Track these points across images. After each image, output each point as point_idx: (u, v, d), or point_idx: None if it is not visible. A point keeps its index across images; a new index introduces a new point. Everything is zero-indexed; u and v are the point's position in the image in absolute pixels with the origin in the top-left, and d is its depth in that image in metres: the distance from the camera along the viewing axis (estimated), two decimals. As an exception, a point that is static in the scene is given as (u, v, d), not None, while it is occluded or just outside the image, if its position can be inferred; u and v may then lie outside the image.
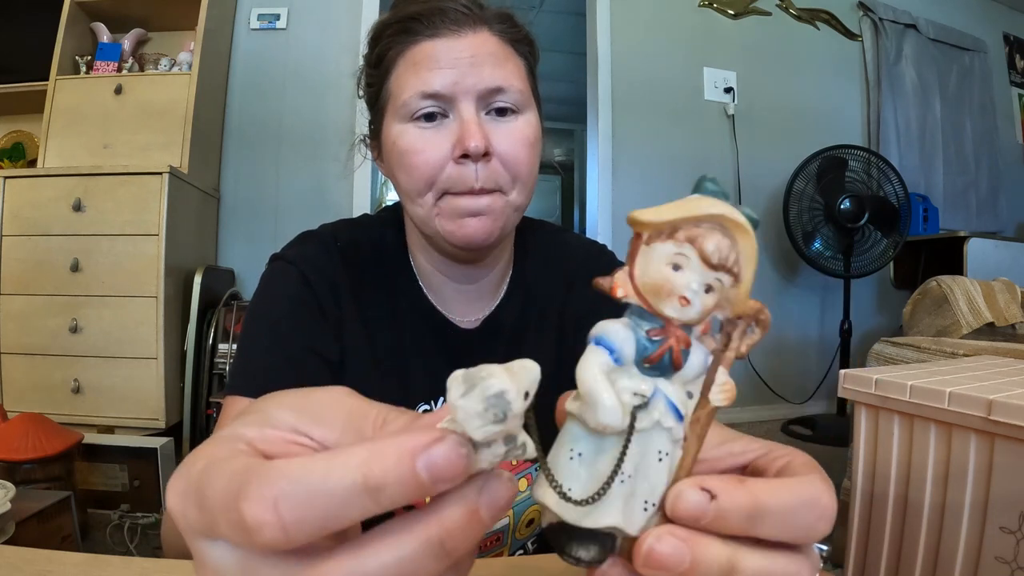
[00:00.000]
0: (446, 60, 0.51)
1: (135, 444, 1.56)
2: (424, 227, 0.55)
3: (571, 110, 4.52)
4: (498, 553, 0.61)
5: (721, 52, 2.87)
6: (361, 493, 0.16)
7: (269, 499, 0.16)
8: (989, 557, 0.37)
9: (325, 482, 0.16)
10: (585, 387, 0.19)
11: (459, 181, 0.52)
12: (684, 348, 0.20)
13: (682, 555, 0.19)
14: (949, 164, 3.23)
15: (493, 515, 0.17)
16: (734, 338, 0.21)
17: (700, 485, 0.19)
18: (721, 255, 0.20)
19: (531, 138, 0.55)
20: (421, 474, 0.16)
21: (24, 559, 0.28)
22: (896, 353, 1.37)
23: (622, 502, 0.20)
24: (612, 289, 0.21)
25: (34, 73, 2.18)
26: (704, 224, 0.20)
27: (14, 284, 1.95)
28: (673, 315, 0.20)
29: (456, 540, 0.17)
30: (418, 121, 0.52)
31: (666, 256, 0.20)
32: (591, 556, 0.21)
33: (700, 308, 0.20)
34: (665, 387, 0.20)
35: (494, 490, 0.17)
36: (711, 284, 0.20)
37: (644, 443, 0.20)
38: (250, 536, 0.16)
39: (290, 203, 2.45)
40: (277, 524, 0.15)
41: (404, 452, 0.16)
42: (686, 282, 0.20)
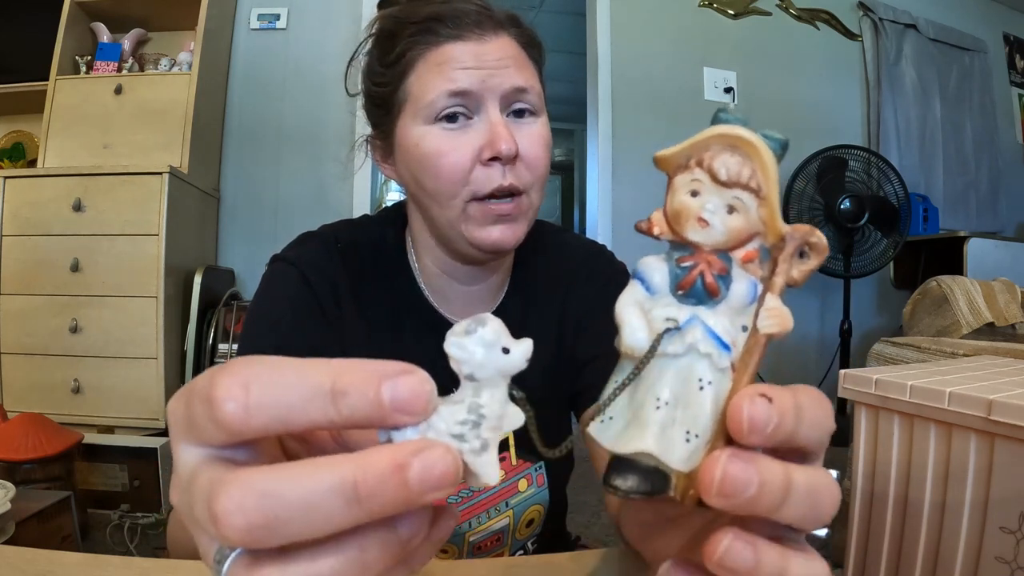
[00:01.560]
0: (472, 61, 0.51)
1: (135, 444, 1.56)
2: (448, 230, 0.55)
3: (571, 110, 4.52)
4: (498, 553, 0.61)
5: (721, 52, 2.87)
6: (325, 395, 0.17)
7: (242, 378, 0.17)
8: (989, 557, 0.37)
9: (296, 375, 0.17)
10: (616, 315, 0.20)
11: (487, 182, 0.52)
12: (719, 274, 0.20)
13: (751, 477, 0.18)
14: (949, 164, 3.23)
15: (422, 481, 0.16)
16: (781, 262, 0.20)
17: (758, 392, 0.19)
18: (730, 171, 0.20)
19: (548, 141, 0.56)
20: (383, 395, 0.17)
21: (24, 559, 0.28)
22: (896, 353, 1.37)
23: (658, 428, 0.19)
24: (649, 229, 0.21)
25: (34, 73, 2.18)
26: (713, 146, 0.20)
27: (14, 284, 1.95)
28: (697, 239, 0.20)
29: (371, 487, 0.16)
30: (441, 122, 0.52)
31: (685, 185, 0.20)
32: (628, 486, 0.20)
33: (723, 228, 0.20)
34: (706, 315, 0.20)
35: (432, 455, 0.16)
36: (732, 204, 0.20)
37: (682, 370, 0.20)
38: (213, 409, 0.16)
39: (290, 203, 2.45)
40: (241, 400, 0.16)
41: (373, 372, 0.17)
42: (702, 203, 0.20)
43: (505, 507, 0.59)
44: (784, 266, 0.20)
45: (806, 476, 0.19)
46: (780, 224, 0.20)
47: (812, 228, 0.20)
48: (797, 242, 0.20)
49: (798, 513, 0.19)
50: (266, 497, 0.16)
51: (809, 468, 0.20)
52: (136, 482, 1.54)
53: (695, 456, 0.19)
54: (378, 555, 0.17)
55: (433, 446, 0.17)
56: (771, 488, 0.18)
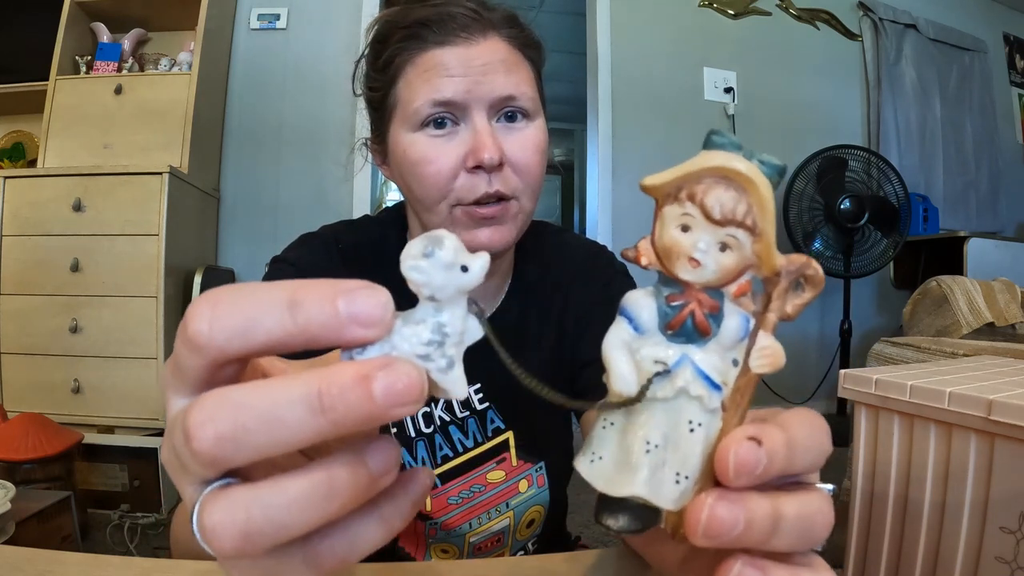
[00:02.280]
0: (458, 68, 0.51)
1: (135, 444, 1.56)
2: None
3: (571, 110, 4.52)
4: (499, 554, 0.61)
5: (721, 52, 2.87)
6: (283, 306, 0.17)
7: (211, 297, 0.18)
8: (989, 557, 0.37)
9: (259, 291, 0.18)
10: (603, 357, 0.20)
11: (472, 190, 0.51)
12: (710, 312, 0.19)
13: (737, 517, 0.18)
14: (949, 164, 3.23)
15: (387, 393, 0.16)
16: (774, 298, 0.20)
17: (747, 436, 0.19)
18: (724, 209, 0.19)
19: (541, 145, 0.54)
20: (339, 306, 0.17)
21: (24, 559, 0.28)
22: (896, 353, 1.37)
23: (648, 472, 0.19)
24: (636, 258, 0.20)
25: (34, 73, 2.18)
26: (706, 179, 0.19)
27: (14, 284, 1.95)
28: (688, 278, 0.19)
29: (335, 397, 0.16)
30: (428, 128, 0.52)
31: (675, 218, 0.19)
32: (619, 525, 0.21)
33: (715, 268, 0.19)
34: (696, 354, 0.19)
35: (397, 369, 0.16)
36: (725, 242, 0.19)
37: (672, 412, 0.19)
38: (185, 328, 0.17)
39: (290, 203, 2.45)
40: (207, 315, 0.17)
41: (331, 286, 0.17)
42: (692, 242, 0.19)
43: (506, 508, 0.59)
44: (778, 302, 0.20)
45: (797, 505, 0.19)
46: (775, 259, 0.19)
47: (808, 260, 0.19)
48: (792, 276, 0.20)
49: (788, 542, 0.19)
50: (234, 407, 0.16)
51: (800, 494, 0.20)
52: (136, 482, 1.54)
53: (685, 496, 0.19)
54: (346, 483, 0.17)
55: (398, 361, 0.17)
56: (759, 525, 0.19)
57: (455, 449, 0.57)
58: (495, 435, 0.59)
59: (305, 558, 0.18)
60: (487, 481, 0.58)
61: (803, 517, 0.19)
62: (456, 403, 0.58)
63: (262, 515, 0.16)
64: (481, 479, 0.58)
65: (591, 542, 0.78)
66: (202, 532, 0.17)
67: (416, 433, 0.57)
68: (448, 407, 0.58)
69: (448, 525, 0.57)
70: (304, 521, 0.17)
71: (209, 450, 0.16)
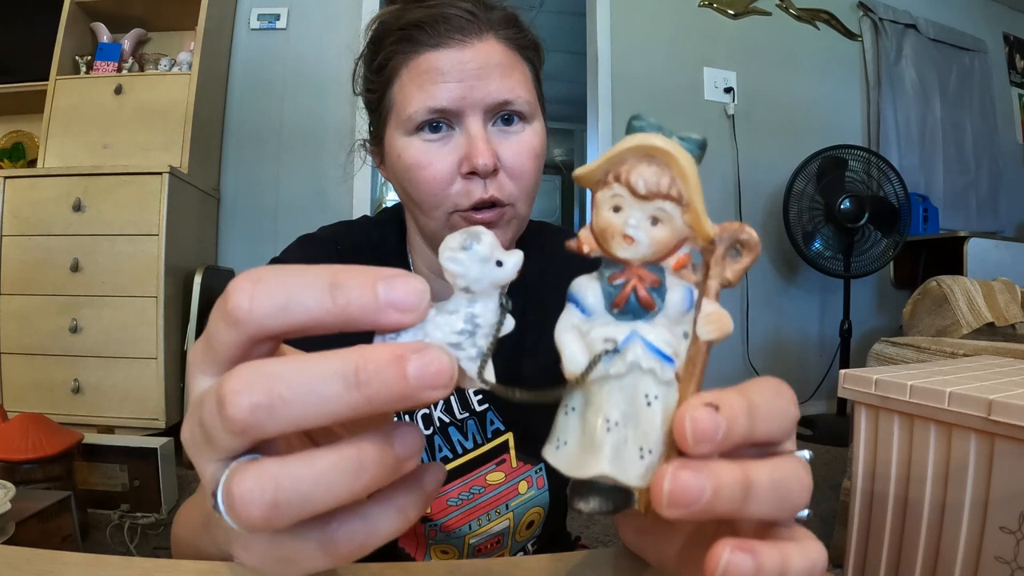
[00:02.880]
0: (452, 73, 0.50)
1: (135, 444, 1.56)
2: (434, 239, 0.55)
3: (571, 110, 4.52)
4: (499, 555, 0.61)
5: (721, 52, 2.87)
6: (324, 286, 0.18)
7: (253, 275, 0.18)
8: (989, 557, 0.38)
9: (300, 271, 0.18)
10: (556, 342, 0.20)
11: (467, 196, 0.51)
12: (652, 287, 0.20)
13: (702, 484, 0.18)
14: (949, 164, 3.23)
15: (420, 375, 0.17)
16: (713, 265, 0.20)
17: (703, 402, 0.19)
18: (648, 183, 0.19)
19: (537, 149, 0.54)
20: (379, 290, 0.17)
21: (24, 559, 0.28)
22: (896, 353, 1.37)
23: (611, 450, 0.19)
24: (579, 247, 0.21)
25: (34, 73, 2.18)
26: (629, 159, 0.20)
27: (14, 284, 1.96)
28: (624, 255, 0.20)
29: (370, 373, 0.16)
30: (423, 133, 0.51)
31: (606, 201, 0.20)
32: (591, 507, 0.21)
33: (649, 242, 0.19)
34: (643, 329, 0.20)
35: (430, 353, 0.17)
36: (655, 216, 0.19)
37: (627, 388, 0.20)
38: (226, 302, 0.18)
39: (290, 203, 2.45)
40: (248, 291, 0.18)
41: (371, 272, 0.18)
42: (624, 220, 0.20)
43: (505, 509, 0.59)
44: (716, 269, 0.20)
45: (769, 470, 0.19)
46: (707, 227, 0.20)
47: (741, 225, 0.20)
48: (727, 243, 0.20)
49: (765, 508, 0.19)
50: (272, 377, 0.17)
51: (773, 460, 0.20)
52: (136, 482, 1.54)
53: (651, 471, 0.19)
54: (374, 460, 0.17)
55: (431, 346, 0.17)
56: (728, 491, 0.18)
57: (455, 451, 0.57)
58: (495, 436, 0.59)
59: (321, 542, 0.18)
60: (487, 483, 0.58)
61: (776, 482, 0.19)
62: (455, 404, 0.58)
63: (292, 486, 0.17)
64: (481, 480, 0.58)
65: (591, 542, 0.78)
66: (229, 502, 0.17)
67: (416, 433, 0.57)
68: (447, 408, 0.58)
69: (448, 527, 0.57)
70: (331, 495, 0.17)
71: (244, 417, 0.16)
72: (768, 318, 2.82)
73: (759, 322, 2.77)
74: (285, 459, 0.17)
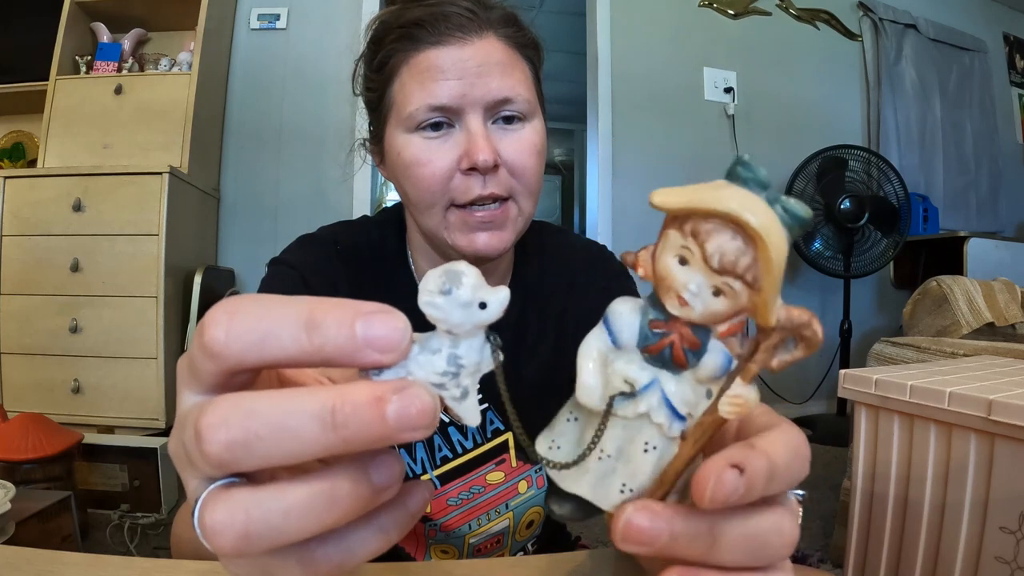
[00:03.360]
0: (452, 70, 0.50)
1: (135, 444, 1.56)
2: (433, 237, 0.55)
3: (571, 110, 4.52)
4: (499, 555, 0.61)
5: (721, 52, 2.87)
6: (300, 324, 0.17)
7: (230, 306, 0.18)
8: (989, 557, 0.38)
9: (277, 305, 0.18)
10: (576, 361, 0.20)
11: (466, 193, 0.51)
12: (690, 348, 0.19)
13: (659, 528, 0.18)
14: (949, 164, 3.23)
15: (400, 416, 0.16)
16: (762, 350, 0.19)
17: (731, 462, 0.18)
18: (725, 259, 0.17)
19: (538, 146, 0.54)
20: (357, 330, 0.17)
21: (24, 559, 0.28)
22: (896, 353, 1.37)
23: (595, 477, 0.20)
24: (635, 265, 0.20)
25: (34, 73, 2.18)
26: (714, 220, 0.18)
27: (14, 284, 1.95)
28: (673, 312, 0.19)
29: (347, 414, 0.16)
30: (423, 131, 0.51)
31: (675, 247, 0.18)
32: (563, 512, 0.22)
33: (703, 311, 0.18)
34: (667, 383, 0.19)
35: (411, 393, 0.16)
36: (720, 287, 0.18)
37: (631, 430, 0.20)
38: (202, 334, 0.18)
39: (290, 203, 2.45)
40: (224, 325, 0.17)
41: (350, 308, 0.17)
42: (684, 282, 0.18)
43: (505, 509, 0.59)
44: (764, 356, 0.19)
45: (742, 526, 0.19)
46: (771, 315, 0.18)
47: (811, 319, 0.18)
48: (787, 333, 0.18)
49: (736, 559, 0.19)
50: (248, 414, 0.16)
51: (753, 514, 0.19)
52: (136, 482, 1.54)
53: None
54: (348, 493, 0.17)
55: (413, 384, 0.17)
56: (689, 540, 0.18)
57: (454, 450, 0.57)
58: (494, 436, 0.59)
59: (300, 561, 0.18)
60: (487, 482, 0.58)
61: (751, 536, 0.19)
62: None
63: (261, 519, 0.16)
64: (481, 480, 0.58)
65: (591, 542, 0.78)
66: (202, 530, 0.17)
67: (416, 433, 0.57)
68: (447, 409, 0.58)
69: (448, 526, 0.57)
70: (302, 528, 0.17)
71: (219, 454, 0.16)
72: (768, 318, 2.82)
73: (759, 322, 2.77)
74: (258, 490, 0.17)
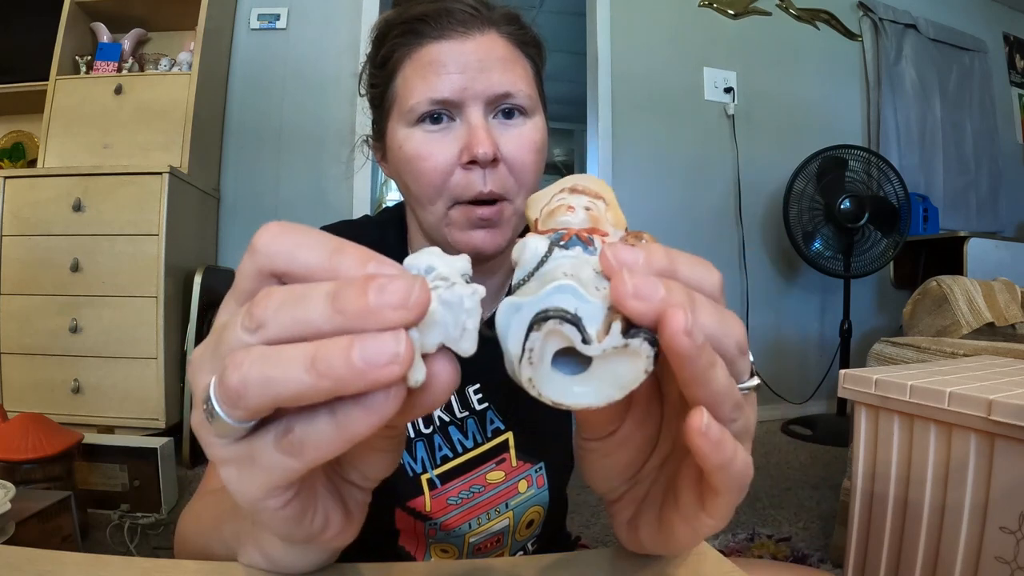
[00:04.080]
0: (454, 64, 0.51)
1: (135, 444, 1.56)
2: (433, 233, 0.55)
3: (571, 110, 4.52)
4: (499, 554, 0.61)
5: (721, 52, 2.87)
6: (328, 250, 0.21)
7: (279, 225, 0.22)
8: (989, 557, 0.38)
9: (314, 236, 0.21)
10: (517, 248, 0.24)
11: (467, 188, 0.51)
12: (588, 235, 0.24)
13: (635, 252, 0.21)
14: (949, 164, 3.23)
15: (366, 360, 0.17)
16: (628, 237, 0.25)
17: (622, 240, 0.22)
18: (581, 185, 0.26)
19: (538, 143, 0.54)
20: (370, 270, 0.20)
21: (24, 559, 0.28)
22: (896, 353, 1.37)
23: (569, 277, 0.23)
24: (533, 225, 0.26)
25: (34, 73, 2.18)
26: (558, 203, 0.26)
27: (14, 284, 1.95)
28: (567, 220, 0.25)
29: (347, 300, 0.18)
30: (424, 124, 0.52)
31: (552, 201, 0.27)
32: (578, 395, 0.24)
33: (584, 216, 0.25)
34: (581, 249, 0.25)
35: (377, 339, 0.18)
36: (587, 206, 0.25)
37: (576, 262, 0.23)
38: (253, 239, 0.21)
39: (290, 203, 2.45)
40: (272, 231, 0.21)
41: (365, 252, 0.21)
42: (569, 201, 0.26)
43: (505, 508, 0.59)
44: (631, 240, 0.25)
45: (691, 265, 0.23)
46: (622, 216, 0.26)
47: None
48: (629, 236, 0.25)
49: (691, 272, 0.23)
50: (261, 359, 0.19)
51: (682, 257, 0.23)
52: (136, 482, 1.54)
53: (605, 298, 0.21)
54: (326, 357, 0.18)
55: (382, 333, 0.18)
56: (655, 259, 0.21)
57: (454, 449, 0.57)
58: (495, 435, 0.59)
59: (277, 434, 0.20)
60: (487, 481, 0.58)
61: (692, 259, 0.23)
62: (455, 403, 0.58)
63: (255, 369, 0.19)
64: (481, 479, 0.58)
65: (591, 542, 0.78)
66: (216, 386, 0.20)
67: (415, 434, 0.57)
68: (447, 407, 0.58)
69: (448, 525, 0.57)
70: (289, 383, 0.18)
71: (236, 387, 0.19)
72: (768, 318, 2.82)
73: (759, 322, 2.77)
74: (266, 347, 0.19)
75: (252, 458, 0.21)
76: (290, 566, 0.28)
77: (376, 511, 0.29)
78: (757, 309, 2.77)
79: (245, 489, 0.22)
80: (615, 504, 0.31)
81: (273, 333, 0.19)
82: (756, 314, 2.76)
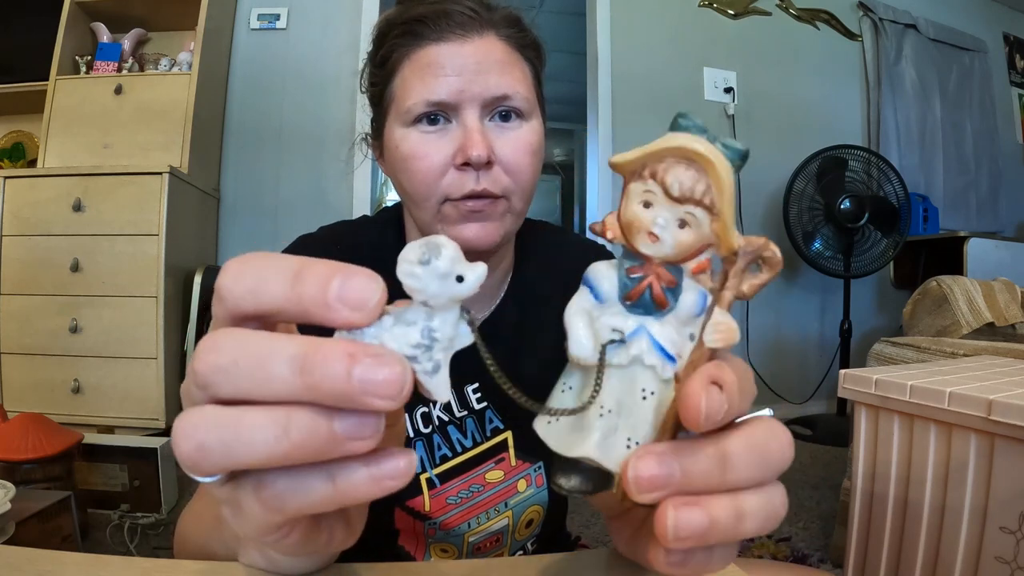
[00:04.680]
0: (451, 66, 0.51)
1: (135, 444, 1.56)
2: (427, 231, 0.55)
3: (571, 110, 4.52)
4: (498, 554, 0.61)
5: (721, 52, 2.87)
6: (289, 277, 0.19)
7: (239, 262, 0.20)
8: (989, 557, 0.38)
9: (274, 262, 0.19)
10: (565, 323, 0.21)
11: (460, 188, 0.51)
12: (667, 286, 0.20)
13: (671, 468, 0.19)
14: (949, 164, 3.23)
15: (363, 380, 0.17)
16: (731, 276, 0.20)
17: (709, 380, 0.19)
18: (683, 187, 0.19)
19: (534, 146, 0.54)
20: (333, 286, 0.18)
21: (24, 559, 0.28)
22: (896, 353, 1.37)
23: (600, 435, 0.20)
24: (603, 232, 0.21)
25: (34, 73, 2.18)
26: (668, 158, 0.20)
27: (14, 284, 1.95)
28: (647, 252, 0.20)
29: (316, 364, 0.17)
30: (420, 124, 0.52)
31: (638, 194, 0.20)
32: (571, 485, 0.22)
33: (673, 243, 0.20)
34: (652, 326, 0.20)
35: (384, 361, 0.17)
36: (684, 219, 0.20)
37: (626, 379, 0.20)
38: (220, 277, 0.20)
39: (290, 203, 2.45)
40: (232, 272, 0.19)
41: (332, 267, 0.19)
42: (652, 217, 0.20)
43: (504, 507, 0.59)
44: (734, 280, 0.20)
45: (743, 439, 0.20)
46: (733, 239, 0.20)
47: (767, 242, 0.20)
48: (749, 257, 0.20)
49: (748, 475, 0.20)
50: (237, 343, 0.18)
51: (742, 429, 0.20)
52: (136, 482, 1.54)
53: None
54: (303, 429, 0.17)
55: (389, 353, 0.17)
56: (706, 466, 0.19)
57: (454, 449, 0.57)
58: (494, 435, 0.59)
59: (255, 489, 0.19)
60: (486, 481, 0.58)
61: (754, 447, 0.20)
62: (455, 403, 0.58)
63: (216, 434, 0.18)
64: (480, 479, 0.58)
65: (591, 542, 0.78)
66: (172, 436, 0.19)
67: (415, 433, 0.57)
68: (447, 407, 0.58)
69: (447, 525, 0.57)
70: (252, 452, 0.18)
71: (203, 372, 0.18)
72: (768, 318, 2.82)
73: (759, 322, 2.77)
74: (222, 410, 0.18)
75: (238, 503, 0.20)
76: (290, 568, 0.28)
77: (376, 511, 0.29)
78: (757, 309, 2.77)
79: (240, 528, 0.21)
80: (614, 521, 0.31)
81: (226, 394, 0.18)
82: (756, 314, 2.76)
